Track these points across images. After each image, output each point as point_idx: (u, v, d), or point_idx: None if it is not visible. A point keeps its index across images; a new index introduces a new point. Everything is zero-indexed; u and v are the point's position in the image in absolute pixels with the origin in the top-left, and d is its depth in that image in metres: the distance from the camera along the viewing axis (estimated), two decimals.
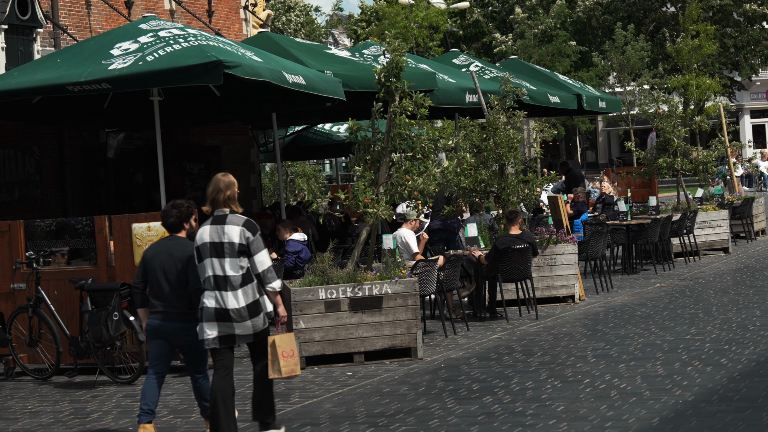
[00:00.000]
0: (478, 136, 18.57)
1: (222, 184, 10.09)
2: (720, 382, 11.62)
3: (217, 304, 9.89)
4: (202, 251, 9.99)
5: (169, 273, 10.45)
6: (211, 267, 9.92)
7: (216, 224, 10.00)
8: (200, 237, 10.03)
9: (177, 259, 10.46)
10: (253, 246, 9.93)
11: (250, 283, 9.94)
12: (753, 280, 20.35)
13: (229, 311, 9.87)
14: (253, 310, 9.95)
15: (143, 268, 10.60)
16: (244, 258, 9.92)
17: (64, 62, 15.93)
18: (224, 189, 10.07)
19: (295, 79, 15.99)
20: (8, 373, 14.77)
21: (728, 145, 29.75)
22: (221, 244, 9.91)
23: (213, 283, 9.92)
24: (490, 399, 11.52)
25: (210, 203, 10.10)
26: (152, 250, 10.67)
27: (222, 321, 9.91)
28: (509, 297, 17.91)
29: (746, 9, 63.38)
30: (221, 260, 9.90)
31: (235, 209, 10.07)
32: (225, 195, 10.06)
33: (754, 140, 68.53)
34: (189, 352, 10.55)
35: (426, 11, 53.36)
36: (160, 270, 10.46)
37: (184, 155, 25.03)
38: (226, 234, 9.92)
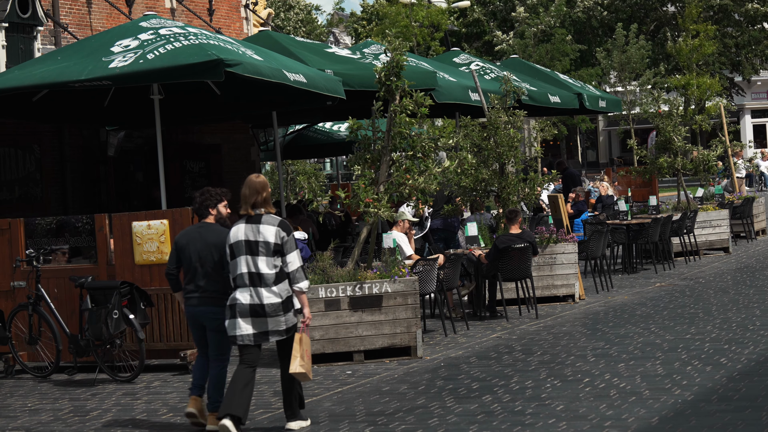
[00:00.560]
0: (478, 135, 18.57)
1: (258, 186, 10.48)
2: (719, 382, 11.62)
3: (252, 300, 10.24)
4: (236, 249, 10.34)
5: (204, 258, 10.77)
6: (245, 264, 10.28)
7: (251, 223, 10.36)
8: (235, 235, 10.39)
9: (211, 244, 10.77)
10: (286, 246, 10.31)
11: (283, 281, 10.32)
12: (753, 279, 20.35)
13: (264, 306, 10.23)
14: (286, 306, 10.32)
15: (176, 255, 10.94)
16: (279, 257, 10.29)
17: (65, 60, 15.94)
18: (260, 191, 10.44)
19: (295, 77, 15.99)
20: (8, 371, 14.77)
21: (729, 145, 29.74)
22: (256, 243, 10.27)
23: (248, 280, 10.27)
24: (489, 398, 11.52)
25: (245, 204, 10.43)
26: (185, 237, 10.97)
27: (257, 317, 10.26)
28: (509, 296, 17.91)
29: (747, 8, 63.37)
30: (255, 258, 10.26)
31: (269, 210, 10.42)
32: (262, 197, 10.44)
33: (755, 140, 68.50)
34: (215, 337, 10.77)
35: (427, 10, 53.36)
36: (195, 256, 10.79)
37: (184, 153, 25.03)
38: (261, 233, 10.30)
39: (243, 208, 10.46)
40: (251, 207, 10.43)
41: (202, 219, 11.09)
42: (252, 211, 10.42)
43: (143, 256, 14.18)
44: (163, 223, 14.08)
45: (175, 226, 14.04)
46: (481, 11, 66.38)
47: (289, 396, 10.66)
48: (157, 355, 14.33)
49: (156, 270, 14.14)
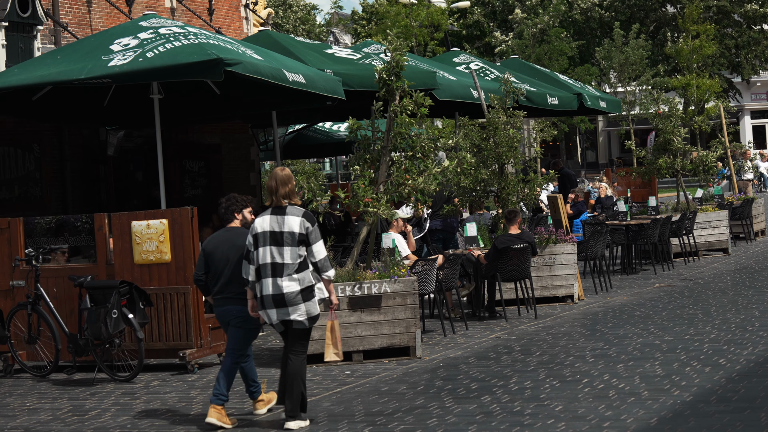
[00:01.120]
0: (478, 136, 18.58)
1: (283, 179, 10.65)
2: (718, 383, 11.62)
3: (275, 290, 10.51)
4: (261, 239, 10.58)
5: (232, 261, 11.03)
6: (269, 254, 10.52)
7: (276, 215, 10.60)
8: (260, 225, 10.62)
9: (239, 246, 10.99)
10: (311, 236, 10.58)
11: (305, 270, 10.55)
12: (752, 280, 20.35)
13: (284, 295, 10.49)
14: (306, 295, 10.55)
15: (204, 260, 11.18)
16: (303, 247, 10.55)
17: (65, 59, 15.94)
18: (285, 183, 10.64)
19: (295, 77, 15.99)
20: (7, 370, 14.78)
21: (728, 146, 29.74)
22: (281, 234, 10.52)
23: (270, 270, 10.52)
24: (488, 398, 11.53)
25: (271, 196, 10.67)
26: (212, 243, 11.23)
27: (279, 306, 10.54)
28: (508, 296, 17.91)
29: (747, 9, 63.38)
30: (280, 248, 10.51)
31: (294, 201, 10.67)
32: (286, 189, 10.64)
33: (754, 141, 68.50)
34: (236, 333, 11.08)
35: (427, 10, 53.34)
36: (223, 260, 11.06)
37: (184, 153, 25.03)
38: (286, 224, 10.54)
39: (268, 199, 10.70)
40: (272, 197, 10.66)
41: (228, 223, 11.35)
42: (280, 202, 10.63)
43: (142, 255, 14.18)
44: (163, 223, 14.09)
45: (175, 226, 14.05)
46: (480, 12, 66.39)
47: (290, 394, 10.73)
48: (156, 354, 14.33)
49: (155, 270, 14.14)
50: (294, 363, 10.71)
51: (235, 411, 11.57)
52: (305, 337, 10.79)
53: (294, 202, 10.69)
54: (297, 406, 10.73)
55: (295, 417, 10.73)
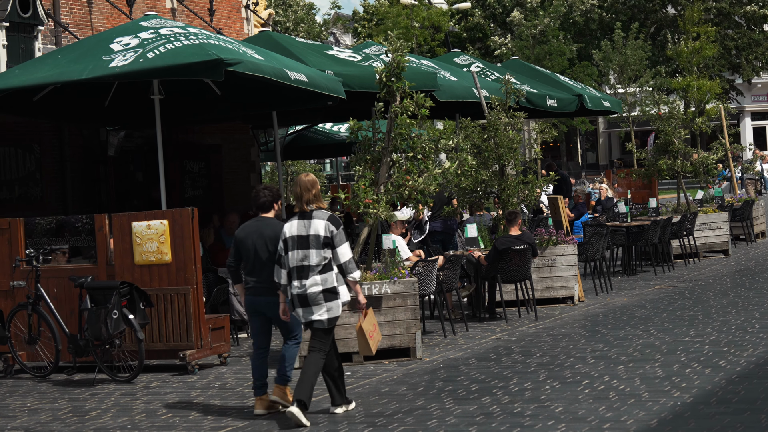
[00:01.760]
0: (478, 137, 18.57)
1: (307, 185, 11.07)
2: (719, 384, 11.62)
3: (300, 291, 10.93)
4: (290, 243, 11.00)
5: (260, 251, 11.30)
6: (298, 258, 10.95)
7: (303, 219, 11.04)
8: (289, 230, 11.06)
9: (267, 237, 11.30)
10: (336, 239, 11.00)
11: (329, 272, 10.97)
12: (752, 282, 20.35)
13: (307, 296, 10.91)
14: (329, 296, 10.96)
15: (236, 248, 11.48)
16: (328, 249, 10.97)
17: (65, 59, 15.94)
18: (311, 188, 11.06)
19: (296, 76, 16.00)
20: (7, 371, 14.77)
21: (729, 148, 29.75)
22: (307, 237, 10.96)
23: (297, 272, 10.95)
24: (488, 399, 11.52)
25: (297, 201, 11.07)
26: (243, 231, 11.52)
27: (304, 306, 10.96)
28: (509, 298, 17.91)
29: (747, 11, 63.41)
30: (306, 251, 10.94)
31: (320, 205, 11.07)
32: (311, 194, 11.06)
33: (755, 143, 68.51)
34: (281, 323, 11.38)
35: (428, 11, 53.35)
36: (252, 249, 11.34)
37: (184, 154, 25.02)
38: (312, 227, 10.97)
39: (297, 205, 11.10)
40: (299, 202, 11.05)
41: (265, 213, 11.56)
42: (304, 207, 11.02)
43: (143, 256, 14.18)
44: (163, 224, 14.08)
45: (175, 227, 14.05)
46: (481, 14, 66.39)
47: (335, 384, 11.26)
48: (156, 355, 14.33)
49: (156, 270, 14.14)
50: (309, 358, 11.00)
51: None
52: (323, 336, 11.06)
53: (320, 206, 11.07)
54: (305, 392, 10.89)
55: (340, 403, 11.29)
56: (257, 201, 11.61)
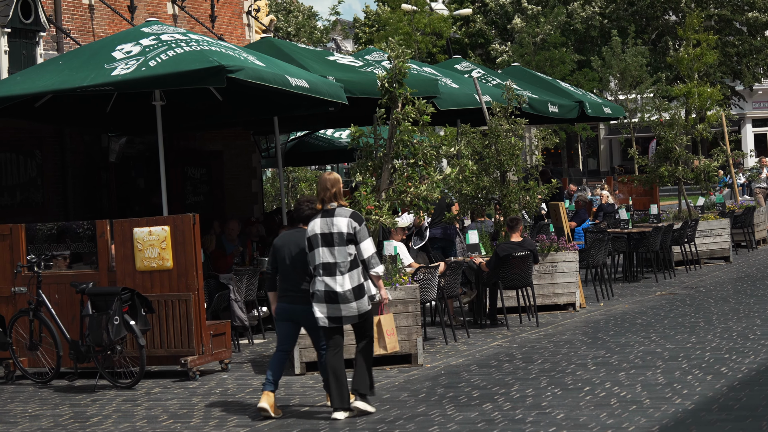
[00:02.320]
0: (479, 143, 18.58)
1: (328, 183, 11.33)
2: (720, 391, 11.62)
3: (327, 288, 11.15)
4: (314, 241, 11.26)
5: (296, 260, 11.52)
6: (322, 255, 11.18)
7: (326, 217, 11.27)
8: (312, 229, 11.31)
9: (303, 248, 11.49)
10: (359, 235, 11.21)
11: (356, 269, 11.20)
12: (754, 289, 20.35)
13: (337, 294, 11.13)
14: (357, 292, 11.18)
15: (273, 256, 11.73)
16: (352, 246, 11.20)
17: (67, 66, 15.94)
18: (331, 187, 11.31)
19: (298, 82, 16.00)
20: (8, 377, 14.77)
21: (730, 154, 29.76)
22: (330, 235, 11.19)
23: (323, 270, 11.17)
24: (490, 406, 11.52)
25: (320, 200, 11.33)
26: (281, 240, 11.76)
27: (331, 303, 11.15)
28: (510, 304, 17.90)
29: (748, 17, 63.41)
30: (331, 248, 11.18)
31: (342, 203, 11.32)
32: (332, 192, 11.31)
33: (756, 149, 68.49)
34: (313, 331, 11.56)
35: (429, 18, 53.37)
36: (288, 258, 11.55)
37: (185, 160, 25.02)
38: (335, 225, 11.21)
39: (318, 203, 11.36)
40: (321, 201, 11.32)
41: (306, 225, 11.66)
42: (326, 205, 11.26)
43: (144, 262, 14.18)
44: (165, 230, 14.09)
45: (177, 233, 14.05)
46: (482, 20, 66.42)
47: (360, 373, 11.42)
48: (157, 361, 14.33)
49: (157, 276, 14.14)
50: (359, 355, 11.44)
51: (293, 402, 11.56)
52: (363, 329, 11.45)
53: (341, 204, 11.32)
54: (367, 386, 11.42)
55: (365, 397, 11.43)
56: (302, 214, 11.81)
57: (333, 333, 11.32)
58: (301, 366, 13.89)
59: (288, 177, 39.70)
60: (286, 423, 11.27)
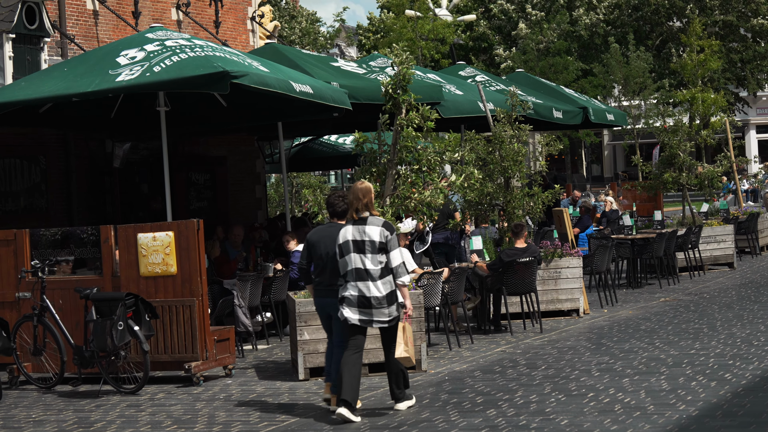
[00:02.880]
0: (483, 149, 18.58)
1: (360, 193, 11.59)
2: (724, 398, 11.61)
3: (360, 293, 11.41)
4: (345, 248, 11.52)
5: (330, 254, 11.81)
6: (354, 261, 11.44)
7: (358, 225, 11.52)
8: (343, 235, 11.56)
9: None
10: (390, 243, 11.47)
11: (387, 276, 11.48)
12: (758, 295, 20.34)
13: (370, 299, 11.42)
14: (390, 298, 11.48)
15: (307, 250, 12.09)
16: (383, 254, 11.45)
17: (71, 71, 15.96)
18: (363, 196, 11.57)
19: (302, 88, 16.02)
20: (12, 382, 14.77)
21: (734, 161, 29.76)
22: (363, 242, 11.45)
23: (355, 276, 11.44)
24: (494, 412, 11.52)
25: (353, 208, 11.59)
26: (316, 235, 12.11)
27: (364, 308, 11.43)
28: (514, 310, 17.91)
29: (753, 24, 63.42)
30: (362, 256, 11.44)
31: (373, 212, 11.58)
32: (364, 201, 11.57)
33: (760, 155, 68.51)
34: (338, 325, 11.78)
35: (433, 23, 53.38)
36: (324, 252, 11.89)
37: (189, 165, 25.04)
38: (367, 233, 11.47)
39: (350, 212, 11.61)
40: (357, 211, 11.55)
41: (340, 220, 12.07)
42: (357, 214, 11.52)
43: (148, 267, 14.19)
44: (169, 235, 14.10)
45: (181, 238, 14.06)
46: (486, 25, 66.45)
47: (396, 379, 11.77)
48: (161, 366, 14.32)
49: (161, 282, 14.15)
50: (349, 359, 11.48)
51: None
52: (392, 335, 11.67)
53: (373, 213, 11.59)
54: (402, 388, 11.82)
55: (401, 399, 11.82)
56: (337, 209, 12.14)
57: (357, 333, 11.54)
58: (305, 372, 13.89)
59: (292, 182, 39.77)
60: (290, 428, 11.27)
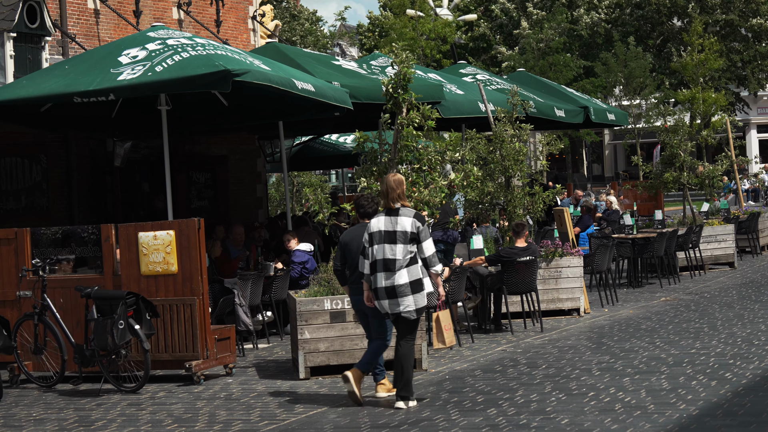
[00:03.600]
0: (484, 149, 18.59)
1: (393, 184, 11.89)
2: (724, 397, 11.62)
3: (387, 283, 11.73)
4: (375, 237, 11.83)
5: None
6: (383, 251, 11.76)
7: (390, 216, 11.83)
8: (375, 225, 11.88)
9: None
10: (422, 234, 11.80)
11: (414, 265, 11.76)
12: (758, 294, 20.34)
13: (395, 288, 11.70)
14: (415, 287, 11.74)
15: (342, 251, 12.44)
16: (414, 244, 11.76)
17: (73, 70, 15.96)
18: (396, 187, 11.88)
19: (304, 85, 16.03)
20: (13, 381, 14.78)
21: (734, 160, 29.77)
22: (394, 233, 11.76)
23: (383, 265, 11.75)
24: (494, 411, 11.52)
25: (385, 200, 11.89)
26: (349, 235, 12.47)
27: (391, 297, 11.74)
28: (514, 309, 17.91)
29: (753, 23, 63.41)
30: (393, 246, 11.74)
31: (405, 203, 11.88)
32: (396, 193, 11.87)
33: (761, 155, 68.53)
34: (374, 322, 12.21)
35: (433, 23, 53.38)
36: (357, 252, 12.16)
37: (190, 164, 25.06)
38: (399, 224, 11.77)
39: (383, 203, 11.95)
40: (385, 200, 11.87)
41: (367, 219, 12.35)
42: (390, 205, 11.82)
43: (149, 266, 14.20)
44: (170, 234, 14.10)
45: (182, 237, 14.07)
46: (487, 26, 66.43)
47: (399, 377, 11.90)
48: (162, 365, 14.32)
49: (162, 281, 14.15)
50: (403, 348, 11.86)
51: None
52: (413, 326, 11.91)
53: (405, 204, 11.89)
54: (409, 387, 11.86)
55: (406, 398, 11.85)
56: (367, 209, 12.47)
57: (409, 326, 11.87)
58: (306, 371, 13.90)
59: (293, 182, 39.78)
60: (291, 427, 11.28)
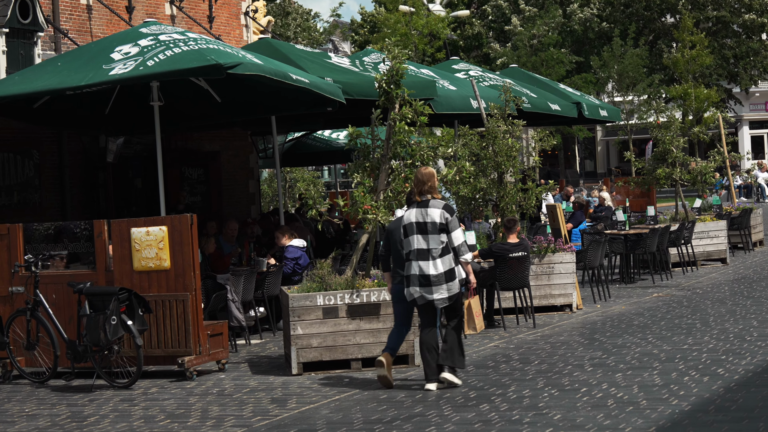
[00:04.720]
0: (477, 145, 18.59)
1: (424, 177, 12.53)
2: (717, 392, 11.63)
3: (420, 272, 12.32)
4: (409, 229, 12.43)
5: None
6: (416, 242, 12.36)
7: (421, 207, 12.43)
8: (407, 217, 12.49)
9: None
10: (451, 224, 12.36)
11: (447, 255, 12.34)
12: (750, 290, 20.37)
13: (429, 277, 12.29)
14: (449, 276, 12.33)
15: (387, 239, 12.91)
16: (444, 234, 12.33)
17: (65, 66, 15.95)
18: (426, 181, 12.50)
19: (298, 77, 16.02)
20: (5, 376, 14.77)
21: (726, 156, 29.80)
22: (425, 224, 12.35)
23: (417, 255, 12.35)
24: (486, 407, 11.53)
25: (418, 192, 12.49)
26: (394, 224, 12.95)
27: (424, 286, 12.33)
28: (507, 305, 17.92)
29: (745, 19, 63.49)
30: (425, 236, 12.34)
31: (435, 196, 12.45)
32: (427, 185, 12.48)
33: (753, 151, 68.61)
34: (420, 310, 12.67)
35: (426, 19, 53.39)
36: (399, 242, 12.61)
37: (183, 160, 25.04)
38: (429, 215, 12.37)
39: (415, 195, 12.50)
40: (418, 193, 12.48)
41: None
42: (421, 197, 12.42)
43: (142, 262, 14.19)
44: (162, 230, 14.10)
45: (174, 233, 14.06)
46: (479, 24, 66.44)
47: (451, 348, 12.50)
48: (154, 361, 14.33)
49: (154, 276, 14.15)
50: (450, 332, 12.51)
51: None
52: (453, 309, 12.53)
53: (435, 196, 12.45)
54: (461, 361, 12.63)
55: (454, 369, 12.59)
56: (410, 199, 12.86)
57: (426, 313, 12.45)
58: (298, 366, 13.90)
59: (285, 177, 39.76)
60: (283, 423, 11.29)
